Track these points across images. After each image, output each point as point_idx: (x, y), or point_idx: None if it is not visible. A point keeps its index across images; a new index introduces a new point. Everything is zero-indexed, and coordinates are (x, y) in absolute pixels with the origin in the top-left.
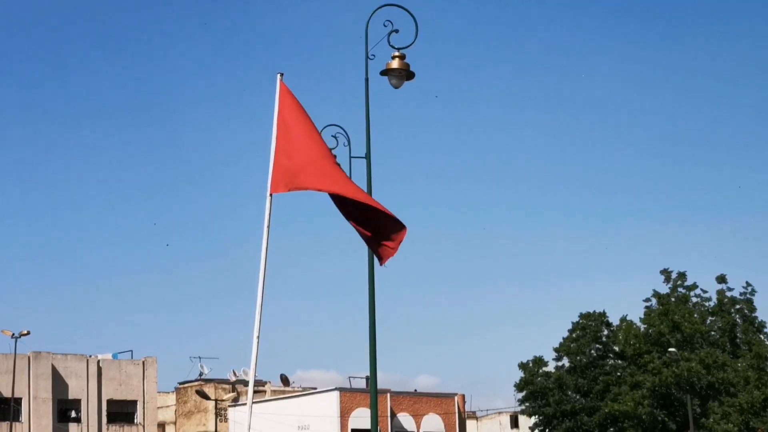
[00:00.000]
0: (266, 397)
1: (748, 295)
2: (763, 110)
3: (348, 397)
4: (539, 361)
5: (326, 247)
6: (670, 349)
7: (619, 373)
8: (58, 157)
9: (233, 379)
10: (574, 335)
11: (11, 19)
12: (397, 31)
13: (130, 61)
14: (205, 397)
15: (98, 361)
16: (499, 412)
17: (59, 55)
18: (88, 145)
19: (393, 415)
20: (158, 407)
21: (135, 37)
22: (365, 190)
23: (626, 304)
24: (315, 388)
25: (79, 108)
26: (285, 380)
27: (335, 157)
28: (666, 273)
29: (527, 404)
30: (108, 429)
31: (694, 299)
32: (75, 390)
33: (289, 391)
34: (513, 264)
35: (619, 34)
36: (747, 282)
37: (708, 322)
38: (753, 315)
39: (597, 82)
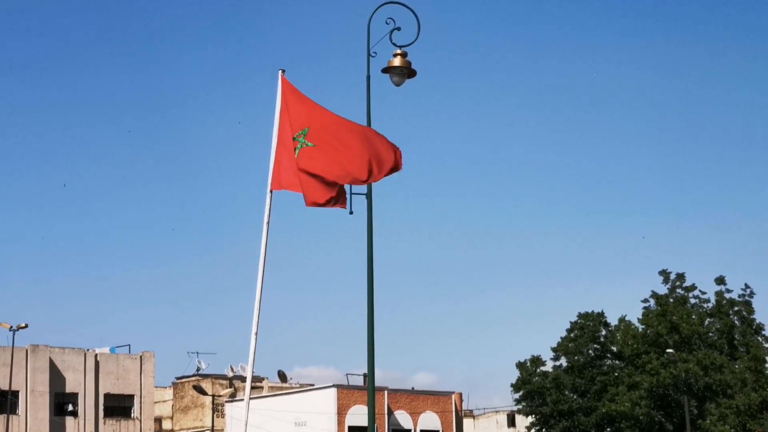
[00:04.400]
0: (263, 393)
1: (746, 297)
2: (763, 111)
3: (345, 394)
4: (537, 361)
5: (325, 244)
6: (668, 350)
7: (616, 374)
8: (58, 151)
9: (231, 374)
10: (572, 335)
11: (17, 14)
12: (399, 28)
13: (133, 56)
14: (202, 392)
15: (96, 355)
16: (497, 411)
17: (62, 50)
18: (88, 139)
19: (390, 412)
20: (155, 402)
21: (138, 32)
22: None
23: (625, 304)
24: (312, 385)
25: (80, 102)
26: (282, 376)
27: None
28: (665, 274)
29: (524, 404)
30: (105, 423)
31: (693, 300)
32: (72, 383)
33: (287, 388)
34: (512, 263)
35: (621, 31)
36: (746, 284)
37: (706, 323)
38: (751, 317)
39: (597, 80)
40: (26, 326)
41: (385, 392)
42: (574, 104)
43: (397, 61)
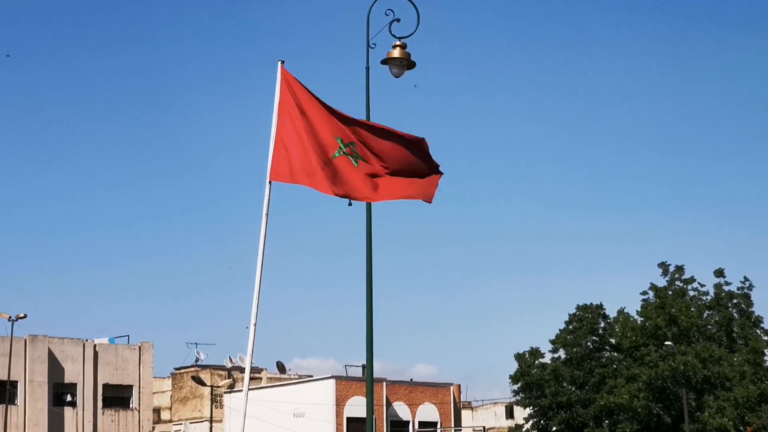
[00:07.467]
0: (262, 384)
1: (745, 290)
2: (762, 104)
3: (344, 385)
4: (535, 353)
5: (324, 235)
6: (667, 343)
7: (615, 366)
8: (58, 144)
9: (229, 365)
10: (570, 327)
11: (15, 9)
12: (398, 20)
13: (131, 49)
14: (201, 383)
15: (95, 346)
16: (495, 403)
17: (61, 46)
18: (88, 132)
19: (389, 404)
20: (154, 392)
21: (136, 25)
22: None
23: (623, 296)
24: (311, 376)
25: (79, 96)
26: (281, 367)
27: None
28: (664, 266)
29: (522, 395)
30: (103, 413)
31: (692, 293)
32: (71, 374)
33: (285, 379)
34: (511, 255)
35: (621, 28)
36: (745, 277)
37: (705, 316)
38: (750, 310)
39: (597, 76)
40: (25, 316)
41: (384, 384)
42: (573, 97)
43: (396, 53)
